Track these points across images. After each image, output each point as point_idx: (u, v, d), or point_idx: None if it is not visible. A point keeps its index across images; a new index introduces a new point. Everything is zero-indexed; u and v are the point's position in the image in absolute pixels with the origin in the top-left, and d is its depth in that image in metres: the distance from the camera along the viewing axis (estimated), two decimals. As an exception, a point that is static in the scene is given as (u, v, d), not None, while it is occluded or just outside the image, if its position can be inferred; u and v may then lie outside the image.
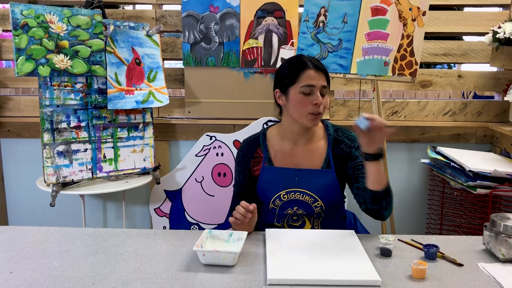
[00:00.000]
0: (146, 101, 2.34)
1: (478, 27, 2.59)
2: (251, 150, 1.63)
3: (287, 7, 2.51)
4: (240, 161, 1.65)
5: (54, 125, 2.14)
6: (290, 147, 1.60)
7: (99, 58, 2.19)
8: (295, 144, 1.59)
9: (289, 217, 1.59)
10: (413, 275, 1.19)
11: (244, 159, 1.63)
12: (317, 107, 1.48)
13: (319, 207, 1.56)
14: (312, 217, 1.58)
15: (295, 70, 1.50)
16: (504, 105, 2.64)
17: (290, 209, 1.57)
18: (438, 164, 2.40)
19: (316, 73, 1.49)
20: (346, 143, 1.59)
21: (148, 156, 2.42)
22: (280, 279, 1.14)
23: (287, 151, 1.60)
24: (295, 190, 1.56)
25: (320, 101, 1.48)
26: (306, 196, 1.55)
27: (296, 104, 1.50)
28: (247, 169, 1.63)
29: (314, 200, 1.55)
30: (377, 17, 2.13)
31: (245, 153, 1.64)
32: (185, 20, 2.53)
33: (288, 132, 1.59)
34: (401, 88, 2.76)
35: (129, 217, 2.76)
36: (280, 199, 1.57)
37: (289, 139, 1.60)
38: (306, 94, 1.48)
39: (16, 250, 1.33)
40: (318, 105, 1.48)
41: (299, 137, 1.59)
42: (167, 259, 1.27)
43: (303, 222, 1.59)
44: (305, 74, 1.48)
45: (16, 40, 1.99)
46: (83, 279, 1.15)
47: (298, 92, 1.49)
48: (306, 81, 1.48)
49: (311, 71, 1.49)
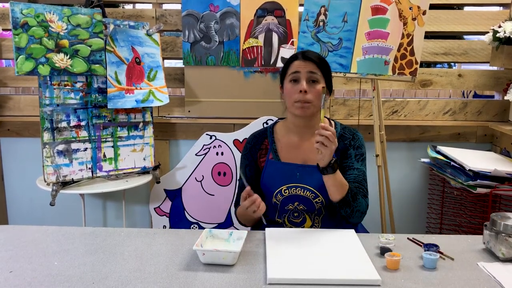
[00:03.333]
0: (146, 100, 2.34)
1: (478, 26, 2.59)
2: (258, 142, 1.67)
3: (287, 6, 2.50)
4: (247, 154, 1.67)
5: (54, 124, 2.14)
6: (296, 140, 1.63)
7: (99, 57, 2.19)
8: (301, 137, 1.62)
9: (290, 213, 1.60)
10: (387, 266, 1.22)
11: (252, 151, 1.66)
12: (302, 94, 1.52)
13: (319, 203, 1.57)
14: (313, 214, 1.59)
15: (287, 63, 1.60)
16: (504, 104, 2.64)
17: (291, 204, 1.58)
18: (438, 164, 2.40)
19: (302, 62, 1.56)
20: (350, 141, 1.63)
21: (148, 155, 2.42)
22: (280, 278, 1.14)
23: (293, 144, 1.63)
24: (296, 185, 1.57)
25: (304, 88, 1.51)
26: (307, 191, 1.56)
27: (286, 94, 1.58)
28: (254, 161, 1.66)
29: (315, 196, 1.56)
30: (377, 16, 2.13)
31: (253, 145, 1.67)
32: (185, 19, 2.52)
33: (292, 125, 1.63)
34: (401, 87, 2.76)
35: (129, 216, 2.76)
36: (282, 194, 1.58)
37: (295, 133, 1.63)
38: (293, 82, 1.55)
39: (16, 249, 1.33)
40: (302, 92, 1.51)
41: (304, 129, 1.62)
42: (167, 258, 1.27)
43: (303, 219, 1.59)
44: (293, 64, 1.57)
45: (16, 39, 1.99)
46: (83, 278, 1.15)
47: (288, 81, 1.57)
48: (292, 69, 1.56)
49: (298, 61, 1.57)
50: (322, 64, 1.57)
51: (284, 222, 1.61)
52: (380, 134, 2.28)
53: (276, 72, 2.57)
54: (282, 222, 1.62)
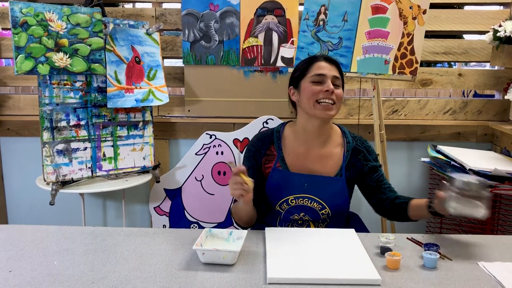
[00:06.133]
0: (145, 99, 2.33)
1: (479, 26, 2.59)
2: (263, 146, 1.59)
3: (287, 5, 2.50)
4: (250, 157, 1.60)
5: (54, 123, 2.13)
6: (304, 150, 1.56)
7: (98, 56, 2.18)
8: (309, 147, 1.56)
9: (294, 222, 1.57)
10: (387, 265, 1.22)
11: (256, 155, 1.59)
12: (328, 94, 1.46)
13: (325, 214, 1.55)
14: (318, 222, 1.57)
15: (307, 64, 1.54)
16: (505, 104, 2.63)
17: (297, 214, 1.55)
18: (438, 163, 2.40)
19: (326, 64, 1.51)
20: (365, 155, 1.59)
21: (148, 154, 2.42)
22: (280, 278, 1.14)
23: (300, 153, 1.56)
24: (303, 196, 1.53)
25: (331, 88, 1.46)
26: (314, 202, 1.53)
27: (307, 94, 1.49)
28: (257, 165, 1.58)
29: (322, 207, 1.54)
30: (378, 16, 2.12)
31: (257, 149, 1.59)
32: (185, 18, 2.52)
33: (302, 131, 1.56)
34: (401, 86, 2.76)
35: (129, 216, 2.76)
36: (288, 203, 1.55)
37: (303, 141, 1.57)
38: (316, 83, 1.49)
39: (16, 249, 1.32)
40: (329, 92, 1.46)
41: (313, 139, 1.56)
42: (167, 258, 1.27)
43: (307, 226, 1.57)
44: (315, 65, 1.51)
45: (16, 38, 1.98)
46: (82, 278, 1.15)
47: (309, 82, 1.50)
48: (316, 71, 1.50)
49: (322, 62, 1.52)
50: (341, 69, 1.56)
51: None
52: (380, 133, 2.27)
53: (276, 72, 2.57)
54: None
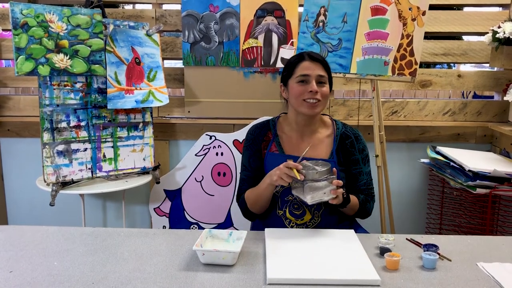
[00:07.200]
0: (146, 100, 2.34)
1: (478, 27, 2.59)
2: (261, 133, 1.71)
3: (287, 7, 2.51)
4: (250, 145, 1.70)
5: (54, 124, 2.14)
6: (296, 136, 1.68)
7: (98, 57, 2.19)
8: (301, 135, 1.68)
9: (290, 205, 1.61)
10: (387, 266, 1.23)
11: (255, 141, 1.70)
12: (312, 94, 1.57)
13: None
14: (312, 207, 1.60)
15: (293, 63, 1.64)
16: (504, 105, 2.64)
17: (291, 195, 1.59)
18: (438, 164, 2.40)
19: (311, 64, 1.60)
20: (352, 141, 1.67)
21: (147, 155, 2.42)
22: (280, 278, 1.14)
23: (294, 139, 1.68)
24: None
25: (315, 89, 1.57)
26: None
27: (294, 94, 1.61)
28: (258, 151, 1.69)
29: None
30: (377, 17, 2.13)
31: (256, 136, 1.71)
32: (185, 20, 2.53)
33: (294, 122, 1.68)
34: (400, 87, 2.76)
35: (129, 217, 2.76)
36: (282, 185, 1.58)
37: (296, 130, 1.68)
38: (302, 83, 1.59)
39: (16, 250, 1.33)
40: (313, 92, 1.57)
41: (304, 128, 1.67)
42: (167, 259, 1.27)
43: (303, 211, 1.60)
44: (301, 66, 1.61)
45: (16, 40, 1.99)
46: (82, 279, 1.15)
47: (295, 82, 1.61)
48: (301, 71, 1.60)
49: (306, 62, 1.61)
50: (327, 65, 1.65)
51: (284, 214, 1.62)
52: (380, 134, 2.28)
53: (276, 73, 2.57)
54: (283, 214, 1.62)
